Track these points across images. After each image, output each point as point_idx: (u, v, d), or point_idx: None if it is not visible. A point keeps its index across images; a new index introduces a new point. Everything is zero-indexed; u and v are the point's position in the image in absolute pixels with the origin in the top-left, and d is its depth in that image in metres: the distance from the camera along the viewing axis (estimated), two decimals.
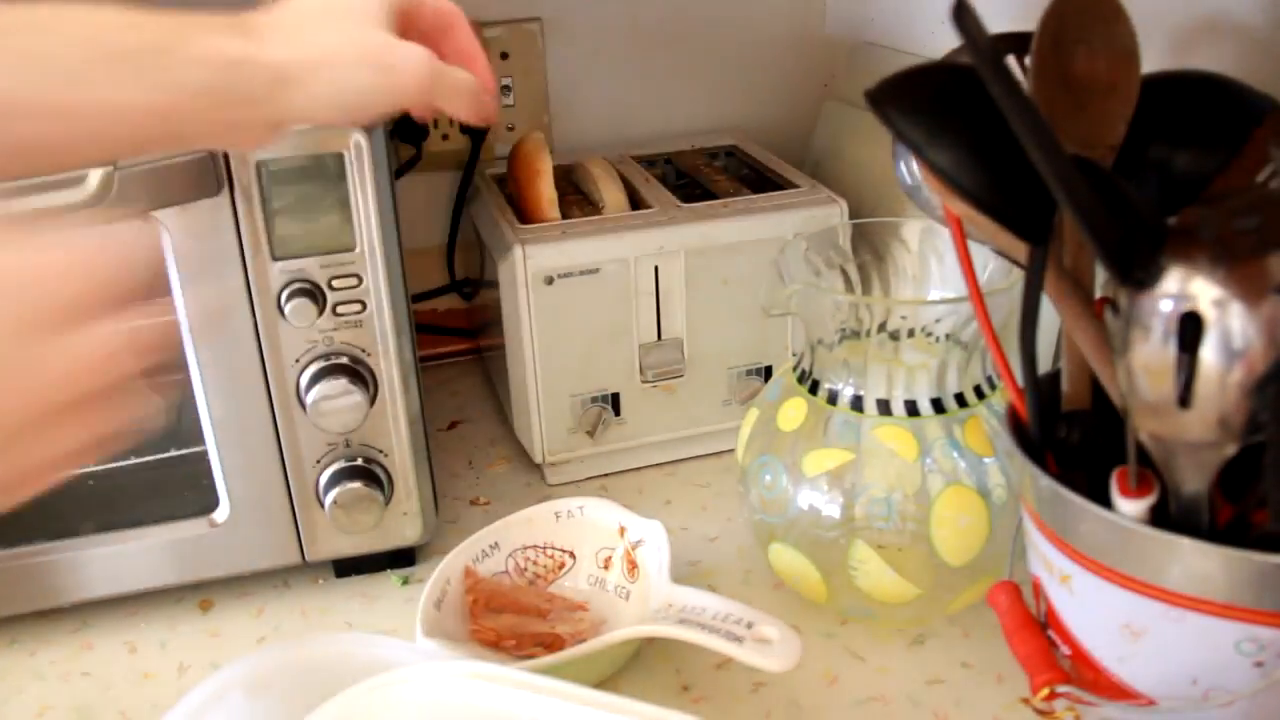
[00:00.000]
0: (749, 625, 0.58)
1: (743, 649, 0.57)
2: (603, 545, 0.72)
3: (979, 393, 0.66)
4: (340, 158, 0.65)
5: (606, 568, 0.72)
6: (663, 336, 0.84)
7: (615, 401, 0.85)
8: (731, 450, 0.73)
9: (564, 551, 0.72)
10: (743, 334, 0.85)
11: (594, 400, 0.84)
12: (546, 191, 0.85)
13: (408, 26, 0.56)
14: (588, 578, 0.72)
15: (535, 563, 0.72)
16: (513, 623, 0.67)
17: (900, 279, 0.74)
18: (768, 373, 0.87)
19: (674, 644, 0.67)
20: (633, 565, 0.70)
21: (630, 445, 0.87)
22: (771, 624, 0.58)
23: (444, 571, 0.67)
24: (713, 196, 0.89)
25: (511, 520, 0.72)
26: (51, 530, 0.70)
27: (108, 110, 0.48)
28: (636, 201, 0.88)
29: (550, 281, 0.80)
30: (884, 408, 0.65)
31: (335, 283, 0.67)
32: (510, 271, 0.80)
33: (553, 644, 0.66)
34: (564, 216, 0.85)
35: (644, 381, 0.84)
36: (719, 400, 0.87)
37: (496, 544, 0.71)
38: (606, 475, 0.88)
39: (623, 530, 0.71)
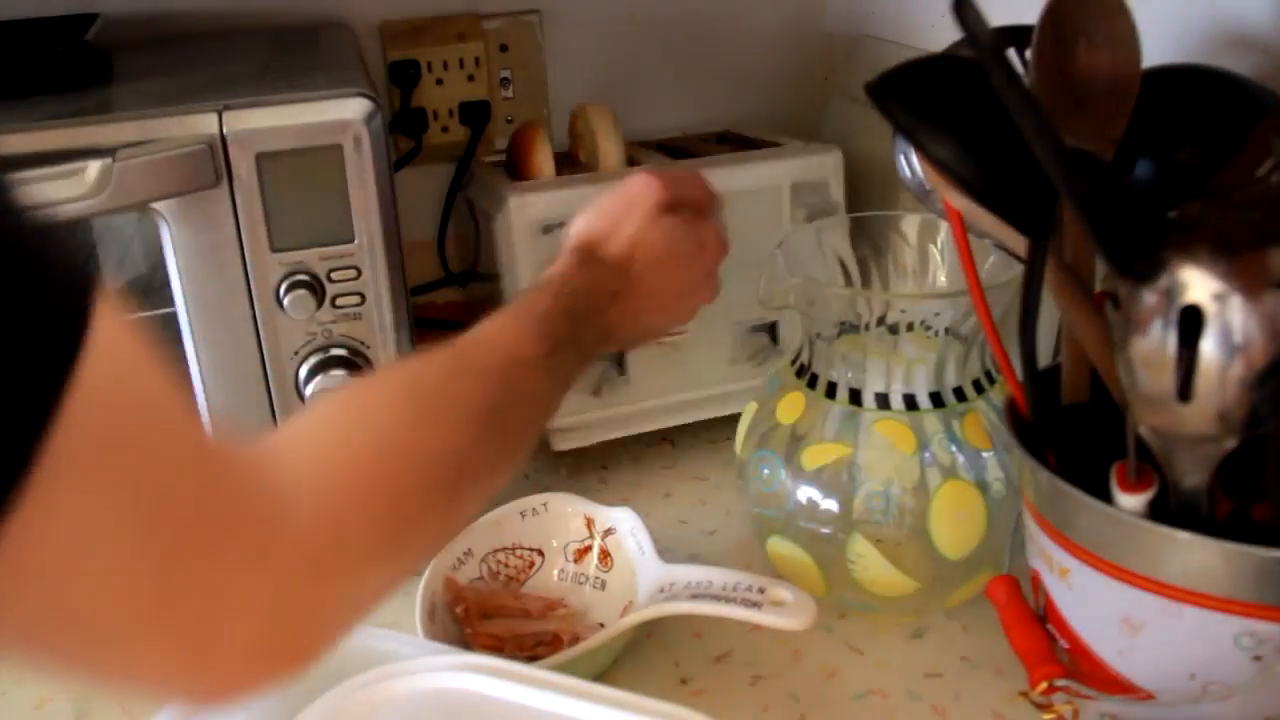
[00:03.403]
0: (760, 590, 0.59)
1: (763, 614, 0.57)
2: (570, 539, 0.71)
3: (978, 387, 0.66)
4: (339, 149, 0.64)
5: (578, 561, 0.71)
6: None
7: (620, 359, 0.83)
8: (736, 416, 0.73)
9: (532, 550, 0.72)
10: (745, 287, 0.84)
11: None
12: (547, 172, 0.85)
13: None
14: (558, 573, 0.71)
15: (506, 565, 0.71)
16: (509, 626, 0.67)
17: (900, 273, 0.74)
18: (773, 329, 0.86)
19: (673, 637, 0.68)
20: (605, 555, 0.70)
21: (636, 409, 0.85)
22: (781, 586, 0.58)
23: (428, 584, 0.66)
24: None
25: (479, 524, 0.70)
26: None
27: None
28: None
29: (547, 231, 0.79)
30: (883, 402, 0.65)
31: (334, 275, 0.67)
32: (505, 221, 0.79)
33: (553, 642, 0.66)
34: None
35: None
36: (725, 359, 0.85)
37: (470, 550, 0.70)
38: (606, 466, 0.88)
39: (589, 521, 0.71)
